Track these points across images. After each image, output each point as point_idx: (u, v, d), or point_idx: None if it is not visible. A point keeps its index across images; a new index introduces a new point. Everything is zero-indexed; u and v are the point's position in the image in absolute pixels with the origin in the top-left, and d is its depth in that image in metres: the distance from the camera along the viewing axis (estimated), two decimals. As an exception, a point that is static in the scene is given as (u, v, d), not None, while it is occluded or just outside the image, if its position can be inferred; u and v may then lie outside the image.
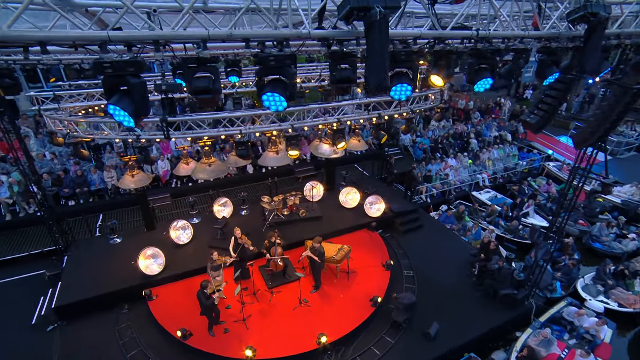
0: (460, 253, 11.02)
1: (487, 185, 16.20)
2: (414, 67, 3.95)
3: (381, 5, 2.95)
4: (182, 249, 10.34)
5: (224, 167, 8.37)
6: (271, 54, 3.25)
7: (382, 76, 3.23)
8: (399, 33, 3.81)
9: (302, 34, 3.34)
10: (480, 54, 4.36)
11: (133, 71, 3.06)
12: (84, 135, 6.80)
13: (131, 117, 3.11)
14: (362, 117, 8.36)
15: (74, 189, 11.94)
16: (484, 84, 4.58)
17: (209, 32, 3.13)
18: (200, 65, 3.20)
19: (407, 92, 4.03)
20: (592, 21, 4.06)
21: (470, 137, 18.60)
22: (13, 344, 7.85)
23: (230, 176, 15.09)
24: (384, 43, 3.12)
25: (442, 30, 4.07)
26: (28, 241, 11.12)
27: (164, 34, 3.07)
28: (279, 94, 3.47)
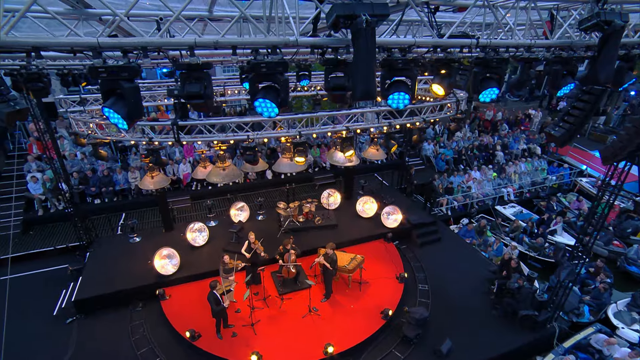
0: (479, 269, 10.56)
1: (513, 200, 15.53)
2: (413, 75, 3.85)
3: (368, 13, 2.92)
4: (198, 251, 10.51)
5: (238, 171, 8.47)
6: (263, 60, 3.27)
7: (369, 84, 3.18)
8: (391, 41, 3.74)
9: (290, 42, 3.36)
10: (485, 63, 4.18)
11: (126, 76, 3.17)
12: (102, 136, 7.13)
13: (124, 119, 3.23)
14: (372, 125, 8.25)
15: (100, 188, 12.50)
16: (490, 94, 4.39)
17: (195, 39, 3.21)
18: (193, 71, 3.28)
19: (404, 101, 3.91)
20: (606, 30, 3.82)
21: (496, 149, 17.99)
22: (34, 332, 8.21)
23: (249, 181, 15.33)
24: (371, 51, 3.09)
25: (439, 39, 3.95)
26: (56, 236, 11.71)
27: (152, 40, 3.17)
28: (271, 101, 3.49)
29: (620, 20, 3.73)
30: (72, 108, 8.78)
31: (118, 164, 13.65)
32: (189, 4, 2.89)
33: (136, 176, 12.79)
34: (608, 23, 3.73)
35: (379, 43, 3.64)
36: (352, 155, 8.66)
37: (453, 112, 9.15)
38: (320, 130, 7.69)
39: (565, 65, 4.50)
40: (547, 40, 4.49)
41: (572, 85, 4.67)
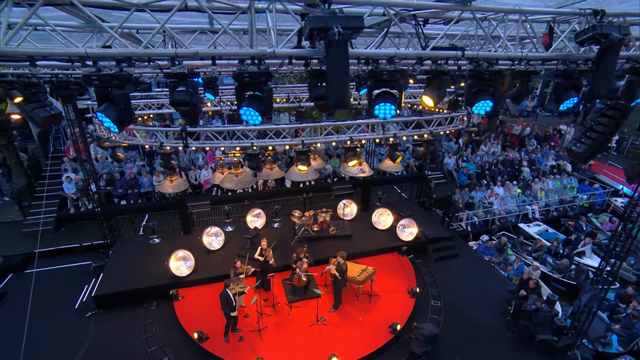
0: (496, 288, 10.16)
1: (538, 218, 14.88)
2: (399, 86, 3.87)
3: (341, 25, 3.01)
4: (213, 255, 10.77)
5: (250, 178, 8.69)
6: (246, 71, 3.44)
7: (342, 94, 3.25)
8: (369, 52, 3.79)
9: (267, 53, 3.49)
10: (478, 75, 4.12)
11: (117, 84, 3.43)
12: (120, 140, 7.59)
13: (115, 123, 3.48)
14: (376, 136, 8.24)
15: (127, 190, 13.15)
16: (484, 107, 4.30)
17: (176, 51, 3.43)
18: (180, 80, 3.49)
19: (391, 112, 3.93)
20: (603, 43, 3.69)
21: (522, 165, 17.36)
22: (56, 324, 8.67)
23: (268, 189, 15.61)
24: (343, 62, 3.16)
25: (422, 50, 3.95)
26: (84, 234, 12.40)
27: (137, 51, 3.41)
28: (254, 109, 3.63)
29: (618, 33, 3.60)
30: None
31: (145, 167, 14.32)
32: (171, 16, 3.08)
33: (160, 180, 13.35)
34: (605, 36, 3.62)
35: (359, 54, 3.72)
36: (356, 166, 8.66)
37: (466, 124, 8.97)
38: (324, 139, 7.78)
39: (567, 78, 4.35)
40: (541, 53, 4.38)
41: (576, 99, 4.51)
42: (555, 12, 4.24)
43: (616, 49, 3.71)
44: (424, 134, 8.44)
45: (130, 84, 3.46)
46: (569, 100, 4.47)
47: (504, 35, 4.11)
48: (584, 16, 3.92)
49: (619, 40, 3.62)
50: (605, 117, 6.67)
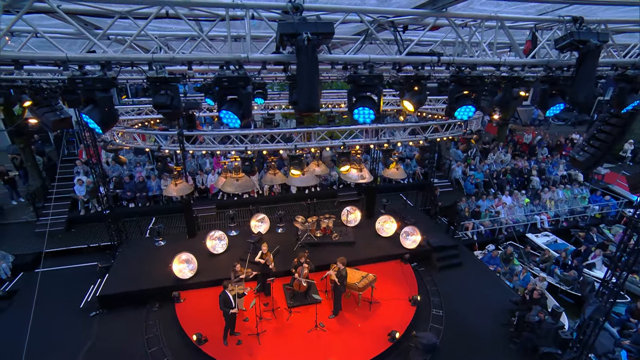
0: (500, 298, 9.97)
1: (547, 228, 14.59)
2: (378, 91, 3.93)
3: (310, 31, 3.11)
4: (216, 258, 10.89)
5: (251, 182, 8.81)
6: (224, 75, 3.56)
7: (311, 98, 3.33)
8: (340, 57, 3.88)
9: (241, 58, 3.61)
10: (459, 80, 4.14)
11: (100, 87, 3.58)
12: (122, 144, 7.82)
13: (99, 125, 3.65)
14: (371, 142, 8.26)
15: (135, 193, 13.44)
16: (466, 112, 4.30)
17: (153, 56, 3.57)
18: (162, 84, 3.64)
19: (370, 116, 3.98)
20: (581, 49, 3.69)
21: (531, 174, 17.09)
22: (61, 322, 8.88)
23: (274, 194, 15.74)
24: (313, 67, 3.25)
25: (397, 56, 3.99)
26: (93, 235, 12.70)
27: (114, 56, 3.56)
28: (233, 113, 3.75)
29: (596, 40, 3.59)
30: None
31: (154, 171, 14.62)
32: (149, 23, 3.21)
33: (167, 183, 13.62)
34: (583, 42, 3.61)
35: (333, 59, 3.80)
36: (349, 171, 8.70)
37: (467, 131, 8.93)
38: (317, 144, 7.86)
39: (552, 85, 4.33)
40: (521, 59, 4.37)
41: (562, 105, 4.47)
42: (534, 19, 4.26)
43: (594, 56, 3.71)
44: (419, 140, 8.43)
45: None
46: (554, 106, 4.44)
47: (480, 41, 4.13)
48: (562, 23, 3.93)
49: (597, 47, 3.63)
50: (609, 125, 6.57)
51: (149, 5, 3.18)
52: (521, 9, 4.31)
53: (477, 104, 4.26)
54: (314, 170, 11.12)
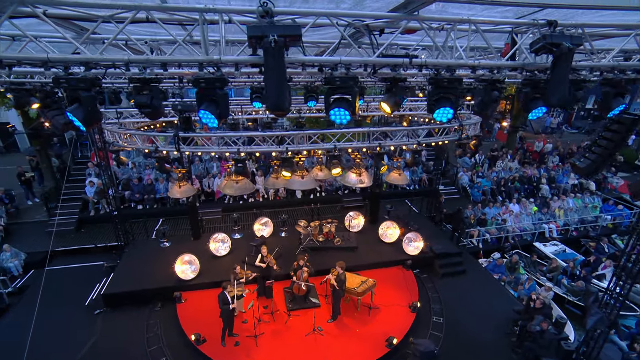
0: (503, 307, 9.80)
1: (555, 238, 14.27)
2: (353, 93, 3.99)
3: (276, 34, 3.23)
4: (219, 261, 11.03)
5: (250, 185, 8.95)
6: (202, 77, 3.71)
7: (278, 98, 3.45)
8: (307, 59, 4.01)
9: (213, 59, 3.75)
10: (436, 83, 4.17)
11: (84, 86, 3.76)
12: (123, 145, 8.07)
13: (82, 123, 3.83)
14: (362, 145, 8.30)
15: (143, 195, 13.76)
16: (445, 114, 4.31)
17: (129, 57, 3.71)
18: (143, 85, 3.79)
19: (346, 117, 4.05)
20: (554, 52, 3.69)
21: (541, 182, 16.79)
22: (65, 319, 9.11)
23: (279, 198, 15.87)
24: (279, 68, 3.36)
25: (369, 57, 4.06)
26: (101, 235, 13.03)
27: (93, 57, 3.73)
28: (211, 112, 3.88)
29: (569, 43, 3.59)
30: (109, 121, 10.03)
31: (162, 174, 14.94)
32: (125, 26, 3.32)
33: (175, 186, 13.91)
34: (556, 45, 3.63)
35: (303, 60, 3.90)
36: (340, 173, 8.77)
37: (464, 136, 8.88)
38: (308, 147, 7.95)
39: (534, 88, 4.31)
40: (496, 62, 4.38)
41: (545, 109, 4.44)
42: (509, 23, 4.27)
43: (567, 58, 3.71)
44: (412, 144, 8.44)
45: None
46: (536, 109, 4.42)
47: (454, 44, 4.18)
48: (537, 27, 3.95)
49: (570, 50, 3.63)
50: (610, 131, 6.47)
51: (127, 9, 3.36)
52: (498, 13, 4.35)
53: (456, 106, 4.28)
54: (317, 174, 11.22)
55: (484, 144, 21.61)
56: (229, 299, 7.84)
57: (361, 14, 3.90)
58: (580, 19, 4.09)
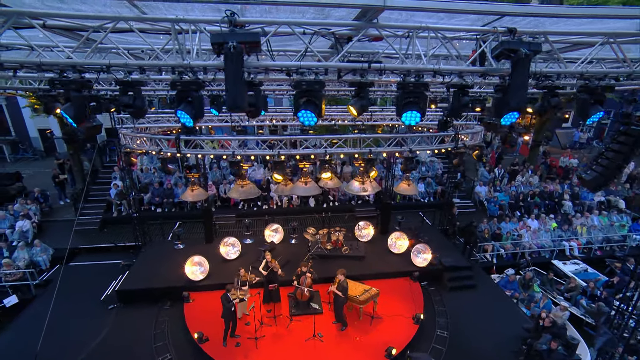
0: (512, 324, 9.46)
1: (577, 256, 13.61)
2: (319, 96, 4.18)
3: (236, 40, 3.53)
4: (228, 264, 11.33)
5: (255, 190, 9.26)
6: (178, 80, 4.03)
7: (236, 97, 3.72)
8: (270, 64, 4.28)
9: (183, 64, 4.10)
10: (403, 87, 4.27)
11: (74, 87, 4.17)
12: (133, 147, 8.62)
13: (72, 120, 4.24)
14: (353, 151, 8.38)
15: (163, 198, 14.42)
16: (413, 118, 4.38)
17: (109, 61, 4.11)
18: (127, 87, 4.17)
19: (313, 118, 4.23)
20: (513, 57, 3.73)
21: (563, 198, 16.14)
22: (81, 312, 9.65)
23: (292, 206, 16.14)
24: (237, 71, 3.63)
25: (328, 62, 4.21)
26: (122, 235, 13.73)
27: (78, 61, 4.16)
28: (187, 113, 4.18)
29: (526, 49, 3.64)
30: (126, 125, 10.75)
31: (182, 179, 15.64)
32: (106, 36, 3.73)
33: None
34: (514, 51, 3.69)
35: (266, 65, 4.16)
36: (330, 178, 8.92)
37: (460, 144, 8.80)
38: (302, 151, 8.14)
39: (505, 94, 4.32)
40: (457, 66, 4.43)
41: (517, 114, 4.42)
42: (468, 30, 4.34)
43: (524, 64, 3.76)
44: (404, 151, 8.46)
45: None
46: (508, 114, 4.41)
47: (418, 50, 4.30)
48: (496, 34, 4.01)
49: (526, 55, 3.68)
50: (617, 143, 6.28)
51: (110, 20, 3.79)
52: (467, 20, 4.43)
53: (423, 110, 4.38)
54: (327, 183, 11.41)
55: (505, 158, 21.09)
56: (232, 301, 8.08)
57: (323, 23, 4.16)
58: (550, 28, 4.13)
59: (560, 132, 27.01)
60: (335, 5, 3.60)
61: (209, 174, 15.77)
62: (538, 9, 3.83)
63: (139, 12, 4.13)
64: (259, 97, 4.72)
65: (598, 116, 4.72)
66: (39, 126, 23.05)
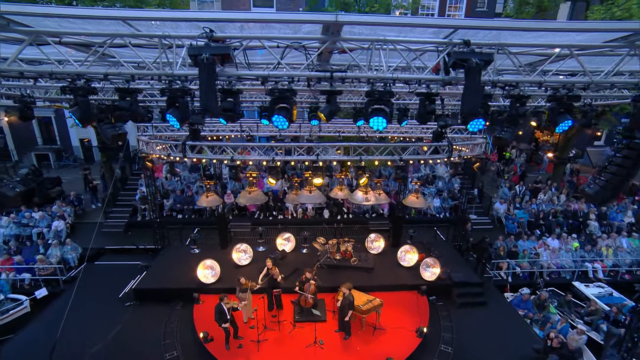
0: (522, 344, 9.14)
1: (601, 279, 12.90)
2: (290, 102, 4.48)
3: (209, 53, 3.98)
4: (239, 269, 11.69)
5: (262, 196, 9.67)
6: (167, 88, 4.51)
7: (208, 102, 4.16)
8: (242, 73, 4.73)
9: (167, 73, 4.59)
10: (370, 94, 4.49)
11: (80, 93, 4.72)
12: (149, 152, 9.28)
13: (79, 120, 4.79)
14: (343, 158, 8.56)
15: (183, 205, 15.18)
16: (379, 123, 4.57)
17: (106, 70, 4.59)
18: (125, 93, 4.67)
19: (285, 123, 4.53)
20: (465, 66, 3.87)
21: (589, 218, 15.41)
22: (99, 308, 10.30)
23: (307, 217, 16.44)
24: (211, 79, 4.06)
25: (293, 72, 4.50)
26: (143, 238, 14.52)
27: (80, 70, 4.73)
28: (174, 116, 4.62)
29: (476, 59, 3.80)
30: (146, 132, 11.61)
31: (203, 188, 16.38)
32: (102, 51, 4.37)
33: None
34: (465, 61, 3.86)
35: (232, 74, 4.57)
36: (321, 184, 9.12)
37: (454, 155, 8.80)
38: (296, 158, 8.45)
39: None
40: (414, 75, 4.62)
41: (482, 121, 4.50)
42: (424, 42, 4.54)
43: (475, 73, 3.92)
44: (396, 160, 8.54)
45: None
46: (474, 121, 4.51)
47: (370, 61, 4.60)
48: (451, 45, 4.19)
49: (477, 65, 3.84)
50: (621, 157, 6.17)
51: (109, 37, 4.37)
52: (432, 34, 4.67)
53: (389, 117, 4.60)
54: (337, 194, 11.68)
55: (529, 176, 20.48)
56: (226, 312, 8.37)
57: (294, 37, 4.57)
58: (510, 40, 4.30)
59: (591, 151, 25.88)
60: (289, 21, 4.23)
61: (228, 184, 16.44)
62: (486, 22, 4.10)
63: (134, 30, 4.78)
64: (237, 103, 5.25)
65: (567, 125, 4.73)
66: (80, 136, 25.05)
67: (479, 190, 17.19)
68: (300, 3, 23.07)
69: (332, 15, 4.04)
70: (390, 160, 8.85)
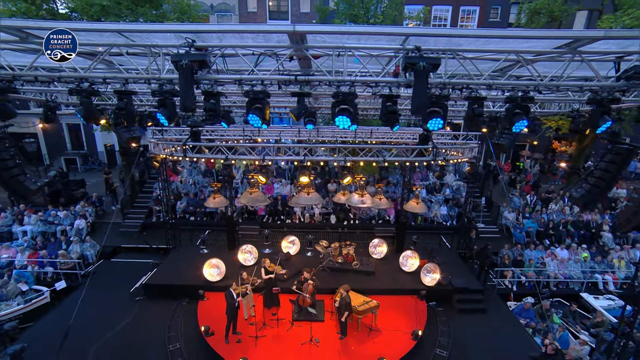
0: (519, 352, 9.09)
1: (612, 291, 12.54)
2: (263, 103, 4.87)
3: (187, 59, 4.51)
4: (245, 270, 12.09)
5: (264, 197, 10.09)
6: (157, 90, 5.01)
7: (186, 103, 4.65)
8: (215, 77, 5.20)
9: (156, 76, 5.06)
10: (334, 96, 4.83)
11: (84, 95, 5.27)
12: (155, 152, 9.92)
13: (83, 119, 5.37)
14: (331, 159, 8.83)
15: (195, 208, 15.86)
16: (344, 122, 4.88)
17: (105, 74, 5.16)
18: (121, 94, 5.22)
19: (258, 122, 4.93)
20: (414, 69, 4.17)
21: (602, 229, 15.02)
22: (112, 300, 10.95)
23: (314, 222, 16.79)
24: (189, 82, 4.59)
25: (261, 75, 4.89)
26: (157, 238, 15.23)
27: (82, 75, 5.37)
28: (163, 115, 5.11)
29: (423, 63, 4.10)
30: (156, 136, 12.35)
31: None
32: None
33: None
34: (413, 65, 4.17)
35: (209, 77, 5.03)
36: (307, 183, 9.43)
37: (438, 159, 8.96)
38: (286, 158, 8.81)
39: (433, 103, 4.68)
40: (370, 78, 4.94)
41: (441, 120, 4.73)
42: (379, 48, 4.86)
43: (422, 76, 4.21)
44: (382, 160, 8.75)
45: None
46: (433, 119, 4.76)
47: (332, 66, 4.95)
48: (402, 51, 4.51)
49: (424, 68, 4.14)
50: (605, 162, 6.25)
51: (108, 46, 4.98)
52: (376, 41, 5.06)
53: (353, 116, 4.93)
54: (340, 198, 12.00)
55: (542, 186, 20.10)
56: (234, 295, 8.83)
57: (266, 45, 5.06)
58: (468, 46, 4.60)
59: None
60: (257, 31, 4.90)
61: (240, 188, 17.05)
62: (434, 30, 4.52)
63: (129, 40, 5.39)
64: (217, 104, 5.78)
65: (523, 125, 4.90)
66: (105, 142, 26.54)
67: (486, 198, 17.07)
68: (313, 16, 23.84)
69: (291, 26, 4.60)
70: (375, 162, 9.13)
